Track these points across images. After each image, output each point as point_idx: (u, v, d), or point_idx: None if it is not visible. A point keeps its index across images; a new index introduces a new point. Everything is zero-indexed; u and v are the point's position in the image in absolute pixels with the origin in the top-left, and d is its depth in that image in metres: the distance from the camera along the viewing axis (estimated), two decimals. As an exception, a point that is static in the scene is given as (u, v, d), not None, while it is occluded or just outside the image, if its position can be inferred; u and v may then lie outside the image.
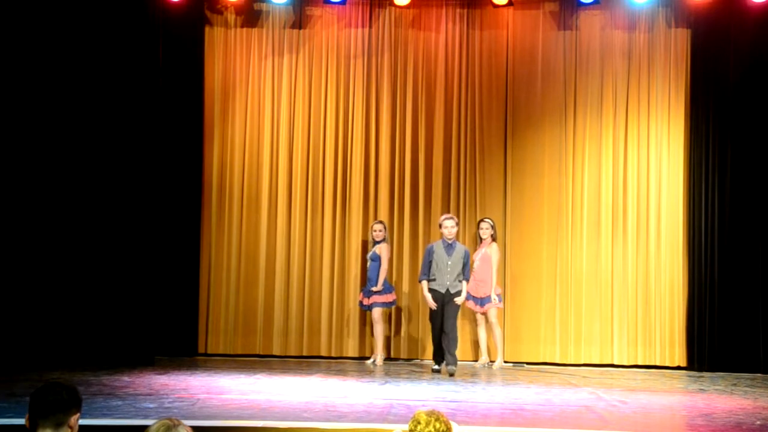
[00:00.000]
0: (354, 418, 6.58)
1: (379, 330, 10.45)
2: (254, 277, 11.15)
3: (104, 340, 9.90)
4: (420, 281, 9.94)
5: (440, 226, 9.91)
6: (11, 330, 9.55)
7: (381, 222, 10.67)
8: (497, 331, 10.48)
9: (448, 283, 9.67)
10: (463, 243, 10.41)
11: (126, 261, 10.05)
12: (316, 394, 7.93)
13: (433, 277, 9.72)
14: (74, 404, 3.40)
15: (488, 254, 10.54)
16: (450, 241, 9.75)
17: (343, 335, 11.10)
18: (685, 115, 10.99)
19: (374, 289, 10.39)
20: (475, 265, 10.36)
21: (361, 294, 10.68)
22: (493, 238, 10.60)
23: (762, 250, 10.53)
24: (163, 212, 10.69)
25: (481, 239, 10.64)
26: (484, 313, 10.50)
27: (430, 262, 9.76)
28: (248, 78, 11.33)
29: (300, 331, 11.10)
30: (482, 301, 10.46)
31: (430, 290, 9.71)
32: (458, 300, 9.67)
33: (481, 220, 10.72)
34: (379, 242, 10.47)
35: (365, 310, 10.74)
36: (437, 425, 4.16)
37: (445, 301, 9.64)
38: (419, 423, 4.17)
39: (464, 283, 9.75)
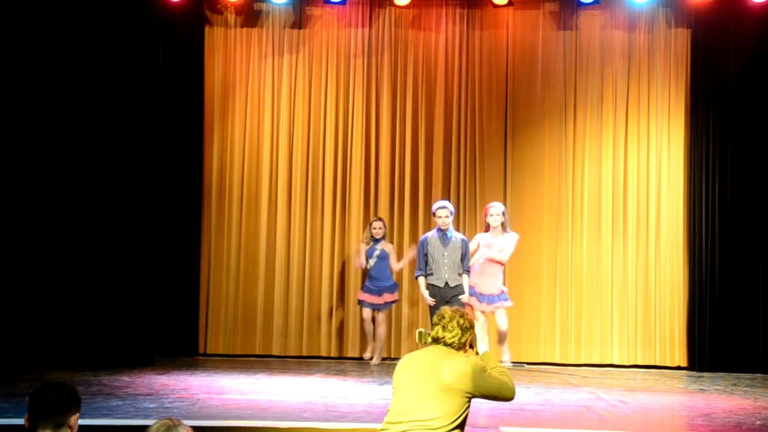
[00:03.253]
0: (354, 418, 6.59)
1: (382, 331, 10.29)
2: (254, 277, 11.15)
3: (104, 340, 9.90)
4: (416, 277, 9.52)
5: (433, 214, 9.47)
6: (11, 330, 9.56)
7: (381, 219, 10.53)
8: (503, 330, 9.68)
9: (446, 276, 9.21)
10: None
11: (126, 261, 10.05)
12: (316, 394, 7.94)
13: (430, 271, 9.27)
14: (74, 404, 3.38)
15: (509, 247, 9.68)
16: (445, 231, 9.30)
17: (343, 335, 11.10)
18: (685, 115, 10.99)
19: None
20: (487, 257, 9.61)
21: (367, 293, 10.35)
22: (504, 227, 9.73)
23: (762, 250, 10.53)
24: (163, 212, 10.69)
25: (488, 228, 9.73)
26: (488, 313, 9.78)
27: (425, 255, 9.28)
28: (248, 78, 11.33)
29: (300, 331, 11.10)
30: (490, 299, 9.73)
31: (428, 285, 9.27)
32: (463, 298, 9.15)
33: (490, 206, 9.80)
34: (379, 240, 10.32)
35: (375, 310, 10.32)
36: (460, 321, 4.34)
37: (444, 296, 9.17)
38: (443, 317, 4.35)
39: (465, 276, 9.27)
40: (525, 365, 10.68)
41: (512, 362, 10.61)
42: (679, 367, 10.71)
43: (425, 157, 11.23)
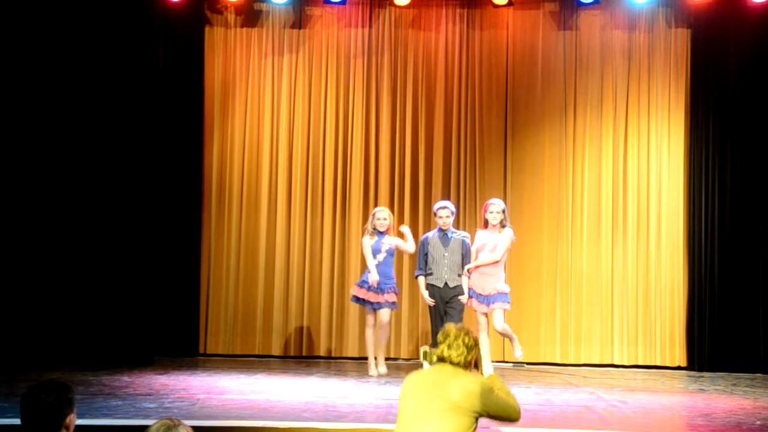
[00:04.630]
0: (354, 418, 6.58)
1: (385, 333, 9.61)
2: (254, 277, 11.15)
3: (104, 340, 9.91)
4: (416, 276, 9.38)
5: (435, 214, 9.33)
6: (11, 330, 9.55)
7: (385, 209, 9.78)
8: (506, 331, 9.15)
9: (446, 276, 9.11)
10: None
11: (126, 261, 10.06)
12: (316, 394, 7.94)
13: (430, 271, 9.17)
14: (66, 406, 3.27)
15: (503, 244, 9.06)
16: (446, 231, 9.20)
17: (343, 335, 11.10)
18: (685, 115, 10.99)
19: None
20: (483, 255, 9.08)
21: (368, 289, 9.61)
22: (502, 225, 9.11)
23: (762, 250, 10.53)
24: (163, 212, 10.69)
25: (487, 224, 9.15)
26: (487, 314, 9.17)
27: (426, 254, 9.19)
28: (248, 78, 11.32)
29: (300, 331, 11.11)
30: (488, 300, 9.05)
31: (428, 285, 9.16)
32: (462, 299, 9.04)
33: (490, 203, 9.23)
34: (383, 232, 9.58)
35: (376, 309, 9.58)
36: (465, 339, 4.28)
37: (443, 296, 9.09)
38: (448, 336, 4.28)
39: (464, 277, 9.09)
40: (525, 365, 10.69)
41: (513, 363, 10.62)
42: (679, 367, 10.71)
43: (425, 156, 11.22)
